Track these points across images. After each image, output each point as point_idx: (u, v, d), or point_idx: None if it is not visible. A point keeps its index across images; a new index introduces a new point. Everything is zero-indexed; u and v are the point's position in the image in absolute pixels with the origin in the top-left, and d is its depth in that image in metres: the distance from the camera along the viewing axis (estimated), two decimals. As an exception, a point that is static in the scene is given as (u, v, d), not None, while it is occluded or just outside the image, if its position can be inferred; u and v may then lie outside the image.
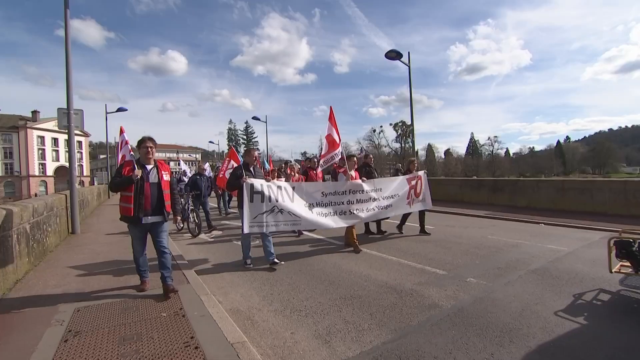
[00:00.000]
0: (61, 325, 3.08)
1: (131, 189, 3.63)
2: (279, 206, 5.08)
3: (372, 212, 6.12)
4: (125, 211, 3.69)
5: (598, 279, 4.13)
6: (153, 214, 3.75)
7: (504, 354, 2.57)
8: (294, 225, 5.24)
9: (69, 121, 8.09)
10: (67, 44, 7.98)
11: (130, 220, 3.71)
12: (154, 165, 3.85)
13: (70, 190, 8.21)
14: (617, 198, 8.87)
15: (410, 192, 6.75)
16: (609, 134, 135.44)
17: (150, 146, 3.81)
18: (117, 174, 3.76)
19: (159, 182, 3.78)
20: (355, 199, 5.90)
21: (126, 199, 3.67)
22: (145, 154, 3.81)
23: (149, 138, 3.84)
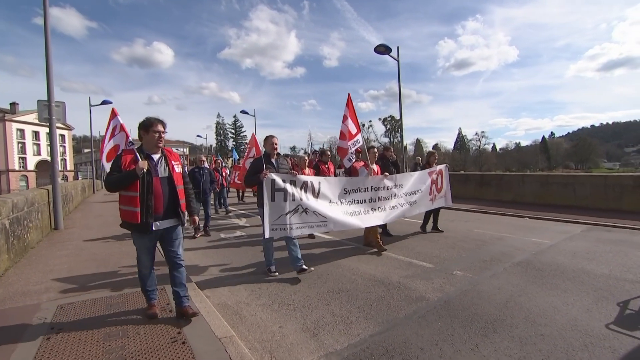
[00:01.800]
0: (43, 322, 3.01)
1: (136, 187, 2.76)
2: (303, 205, 4.42)
3: (396, 211, 5.59)
4: (130, 217, 2.80)
5: (578, 270, 4.26)
6: (165, 217, 2.93)
7: (488, 344, 2.64)
8: (319, 227, 4.58)
9: (50, 114, 7.85)
10: (47, 33, 7.70)
11: (136, 228, 2.84)
12: (161, 155, 3.00)
13: (53, 185, 7.99)
14: (598, 192, 9.15)
15: (432, 188, 6.25)
16: (591, 130, 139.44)
17: (161, 131, 2.93)
18: (114, 168, 2.86)
19: (170, 175, 2.96)
20: (378, 197, 5.36)
21: (130, 200, 2.79)
22: (154, 141, 2.91)
23: (158, 120, 2.95)
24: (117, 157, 2.93)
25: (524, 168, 78.57)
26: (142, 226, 2.82)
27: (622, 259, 4.69)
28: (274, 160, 4.39)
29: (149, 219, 2.82)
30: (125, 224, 2.91)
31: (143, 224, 2.81)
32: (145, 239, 2.94)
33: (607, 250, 5.12)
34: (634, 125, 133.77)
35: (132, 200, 2.79)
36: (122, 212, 2.89)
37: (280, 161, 4.49)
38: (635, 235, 6.10)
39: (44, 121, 8.05)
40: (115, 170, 2.86)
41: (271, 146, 4.39)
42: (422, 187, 6.06)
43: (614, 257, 4.79)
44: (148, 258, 3.04)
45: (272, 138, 4.41)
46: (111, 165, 2.96)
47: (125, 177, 2.78)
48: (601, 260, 4.66)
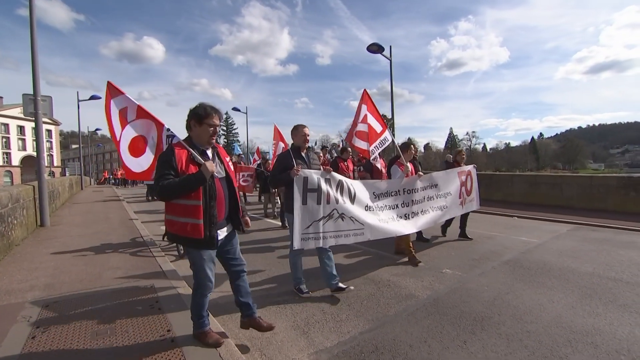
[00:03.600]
0: (28, 321, 2.94)
1: (198, 193, 2.26)
2: (340, 209, 3.70)
3: (428, 216, 4.88)
4: (190, 230, 2.27)
5: (564, 268, 4.36)
6: (225, 224, 2.52)
7: (475, 341, 2.68)
8: (356, 235, 3.84)
9: (36, 108, 7.65)
10: (32, 25, 7.50)
11: (199, 244, 2.32)
12: (213, 150, 2.53)
13: (39, 181, 7.81)
14: (584, 192, 9.36)
15: (461, 190, 5.57)
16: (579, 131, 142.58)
17: (217, 124, 2.43)
18: (165, 169, 2.23)
19: (227, 174, 2.53)
20: (412, 200, 4.66)
21: (189, 210, 2.27)
22: (207, 135, 2.40)
23: (215, 110, 2.42)
24: (165, 154, 2.31)
25: (513, 168, 79.91)
26: (207, 241, 2.31)
27: (605, 257, 4.81)
28: (304, 155, 3.68)
29: (213, 230, 2.32)
30: (178, 238, 2.39)
31: (207, 237, 2.30)
32: (207, 253, 2.42)
33: (592, 249, 5.25)
34: (618, 127, 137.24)
35: (194, 211, 2.26)
36: (177, 226, 2.31)
37: (311, 156, 3.78)
38: (619, 234, 6.26)
39: (30, 116, 7.84)
40: (167, 172, 2.22)
41: (302, 138, 3.63)
42: (452, 189, 5.40)
43: (598, 255, 4.91)
44: (212, 274, 2.50)
45: (303, 128, 3.66)
46: (158, 165, 2.30)
47: (191, 181, 2.21)
48: (586, 258, 4.78)
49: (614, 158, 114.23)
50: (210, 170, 2.24)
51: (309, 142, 3.74)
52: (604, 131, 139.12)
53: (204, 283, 2.46)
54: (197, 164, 2.29)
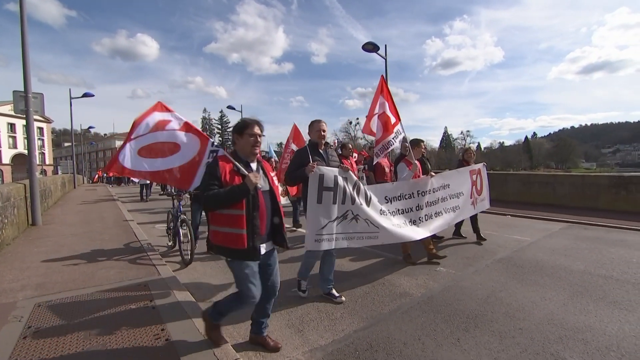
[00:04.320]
0: (19, 321, 2.91)
1: (241, 204, 2.27)
2: (354, 210, 3.52)
3: (442, 218, 4.66)
4: (233, 241, 2.27)
5: (556, 266, 4.41)
6: (266, 239, 2.48)
7: (469, 338, 2.71)
8: (370, 239, 3.67)
9: (27, 105, 7.54)
10: (23, 21, 7.39)
11: (242, 254, 2.29)
12: (258, 163, 2.53)
13: (30, 180, 7.71)
14: (576, 191, 9.47)
15: (472, 190, 5.35)
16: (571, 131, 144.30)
17: (258, 133, 2.42)
18: (209, 180, 2.28)
19: (270, 188, 2.51)
20: (425, 202, 4.41)
21: (233, 220, 2.27)
22: (249, 147, 2.40)
23: (255, 121, 2.43)
24: (210, 166, 2.37)
25: (507, 167, 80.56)
26: (249, 252, 2.28)
27: (596, 255, 4.88)
28: (322, 151, 3.52)
29: (256, 241, 2.30)
30: (221, 249, 2.35)
31: (251, 248, 2.28)
32: (250, 266, 2.35)
33: (584, 247, 5.32)
34: (610, 127, 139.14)
35: (237, 221, 2.26)
36: (220, 236, 2.32)
37: (330, 153, 3.61)
38: (610, 232, 6.35)
39: (21, 113, 7.73)
40: (211, 182, 2.26)
41: (318, 133, 3.50)
42: (464, 189, 5.19)
43: (589, 253, 4.98)
44: (257, 286, 2.38)
45: (319, 123, 3.53)
46: (204, 176, 2.37)
47: (235, 192, 2.22)
48: (577, 256, 4.84)
49: (605, 157, 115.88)
50: (254, 182, 2.24)
51: (326, 137, 3.58)
52: (596, 131, 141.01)
53: (247, 297, 2.36)
54: (242, 175, 2.30)
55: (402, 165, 4.65)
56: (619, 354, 2.44)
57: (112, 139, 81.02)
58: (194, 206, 5.61)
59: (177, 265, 4.82)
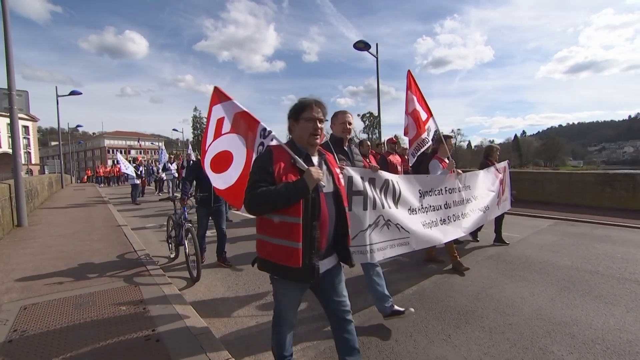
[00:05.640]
0: (4, 324, 2.84)
1: (298, 208, 1.72)
2: (385, 215, 3.05)
3: (472, 218, 4.30)
4: (285, 256, 1.74)
5: (544, 262, 4.49)
6: (327, 254, 1.89)
7: (460, 334, 2.74)
8: (401, 246, 3.18)
9: (11, 103, 7.36)
10: (5, 15, 7.19)
11: (294, 274, 1.77)
12: (320, 157, 1.99)
13: (15, 179, 7.53)
14: (563, 188, 9.66)
15: (500, 189, 5.02)
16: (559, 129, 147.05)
17: (319, 117, 1.88)
18: (259, 176, 1.78)
19: (336, 189, 1.91)
20: (452, 201, 4.06)
21: (287, 230, 1.73)
22: (306, 135, 1.87)
23: (315, 101, 1.90)
24: (261, 158, 1.87)
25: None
26: (304, 271, 1.74)
27: (583, 251, 4.98)
28: (347, 148, 2.97)
29: (314, 258, 1.75)
30: (268, 265, 1.83)
31: (307, 267, 1.73)
32: (299, 287, 1.89)
33: (571, 243, 5.43)
34: (596, 126, 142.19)
35: (291, 231, 1.72)
36: (269, 249, 1.80)
37: (354, 150, 3.09)
38: (596, 228, 6.50)
39: (4, 111, 7.54)
40: (262, 178, 1.76)
41: (343, 126, 2.89)
42: (492, 188, 4.87)
43: (576, 249, 5.09)
44: (295, 313, 1.99)
45: (345, 115, 2.92)
46: (252, 171, 1.87)
47: (290, 191, 1.68)
48: (565, 252, 4.94)
49: (592, 155, 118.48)
50: (316, 178, 1.70)
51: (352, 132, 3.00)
52: (583, 129, 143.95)
53: (282, 321, 1.98)
54: (300, 170, 1.78)
55: (434, 163, 4.29)
56: (604, 347, 2.50)
57: (101, 138, 79.65)
58: (200, 211, 4.72)
59: (167, 261, 4.77)
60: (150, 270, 4.23)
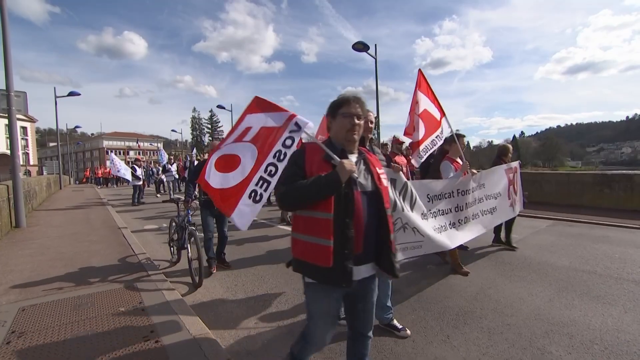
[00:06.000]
0: (2, 326, 2.83)
1: (329, 204, 1.63)
2: (403, 218, 3.09)
3: (480, 221, 4.16)
4: (316, 255, 1.65)
5: (543, 263, 4.51)
6: (364, 260, 1.72)
7: (458, 335, 2.74)
8: (414, 249, 3.23)
9: (9, 104, 7.35)
10: (4, 16, 7.18)
11: (325, 276, 1.65)
12: (359, 155, 1.86)
13: (13, 180, 7.51)
14: (561, 189, 9.69)
15: (509, 190, 4.81)
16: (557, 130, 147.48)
17: (358, 113, 1.78)
18: (290, 170, 1.77)
19: (375, 189, 1.76)
20: (465, 203, 3.94)
21: (317, 226, 1.65)
22: (343, 131, 1.78)
23: (354, 97, 1.81)
24: (295, 154, 1.86)
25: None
26: (336, 273, 1.61)
27: (581, 251, 5.00)
28: (368, 147, 2.66)
29: (347, 260, 1.61)
30: (299, 265, 1.74)
31: (338, 269, 1.60)
32: (332, 296, 1.72)
33: (569, 244, 5.44)
34: (594, 127, 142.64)
35: (322, 227, 1.62)
36: (300, 246, 1.72)
37: (375, 150, 2.85)
38: (593, 229, 6.52)
39: (2, 112, 7.53)
40: (294, 172, 1.73)
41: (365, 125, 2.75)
42: (500, 189, 4.63)
43: (574, 250, 5.10)
44: (326, 330, 1.79)
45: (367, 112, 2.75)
46: (286, 167, 1.89)
47: (320, 184, 1.60)
48: (563, 253, 4.95)
49: (590, 156, 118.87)
50: (349, 170, 1.61)
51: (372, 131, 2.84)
52: (581, 130, 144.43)
53: (310, 336, 1.78)
54: (333, 165, 1.67)
55: (446, 164, 4.14)
56: (602, 347, 2.51)
57: (99, 139, 79.50)
58: (204, 213, 4.56)
59: (169, 265, 4.76)
60: (150, 273, 4.22)
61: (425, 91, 4.26)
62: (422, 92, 4.25)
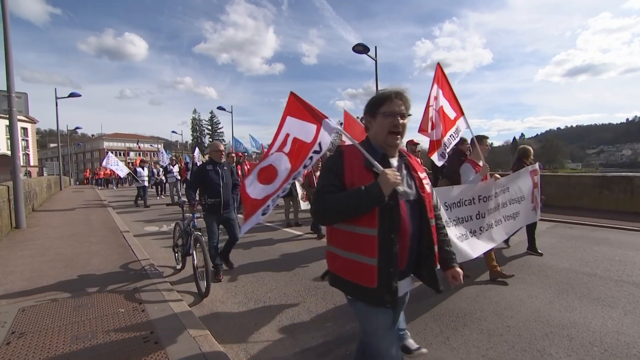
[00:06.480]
0: (2, 327, 2.83)
1: (373, 218, 1.46)
2: None
3: (503, 226, 3.95)
4: (358, 274, 1.51)
5: (543, 265, 4.50)
6: (405, 275, 1.63)
7: (458, 336, 2.74)
8: None
9: (10, 105, 7.37)
10: (5, 17, 7.21)
11: (370, 296, 1.50)
12: (400, 159, 1.67)
13: (14, 181, 7.52)
14: (562, 191, 9.69)
15: (533, 193, 4.57)
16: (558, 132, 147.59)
17: (402, 112, 1.57)
18: (326, 179, 1.57)
19: (419, 197, 1.59)
20: (487, 209, 3.74)
21: (359, 243, 1.50)
22: (384, 133, 1.58)
23: (396, 92, 1.58)
24: (330, 159, 1.63)
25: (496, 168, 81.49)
26: (380, 293, 1.46)
27: (581, 253, 4.99)
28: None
29: (392, 278, 1.46)
30: (340, 282, 1.59)
31: (382, 288, 1.46)
32: (380, 315, 1.54)
33: (569, 246, 5.44)
34: (594, 129, 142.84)
35: (365, 244, 1.47)
36: (339, 263, 1.57)
37: None
38: (594, 231, 6.52)
39: (3, 113, 7.55)
40: (331, 182, 1.53)
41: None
42: (524, 192, 4.40)
43: (575, 252, 5.10)
44: (392, 341, 1.60)
45: None
46: (321, 174, 1.63)
47: (361, 197, 1.42)
48: (563, 255, 4.95)
49: (590, 158, 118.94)
50: (392, 182, 1.42)
51: None
52: (581, 132, 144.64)
53: (381, 357, 1.57)
54: (374, 173, 1.50)
55: (467, 167, 3.95)
56: (602, 349, 2.51)
57: (100, 140, 79.53)
58: (209, 219, 4.24)
59: (173, 272, 4.76)
60: (153, 280, 4.22)
61: (442, 86, 4.02)
62: (440, 88, 4.03)
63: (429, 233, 1.59)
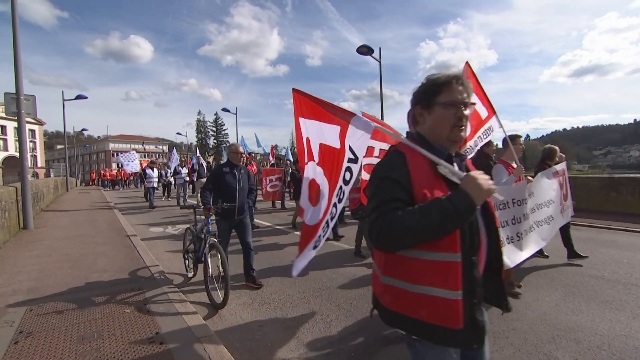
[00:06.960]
0: (11, 326, 2.87)
1: (453, 240, 1.11)
2: None
3: (537, 232, 3.68)
4: (440, 314, 1.13)
5: (550, 267, 4.47)
6: None
7: (463, 339, 2.72)
8: None
9: (19, 107, 7.47)
10: (15, 21, 7.33)
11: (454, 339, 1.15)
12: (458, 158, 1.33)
13: (22, 182, 7.62)
14: (568, 193, 9.60)
15: (561, 194, 4.35)
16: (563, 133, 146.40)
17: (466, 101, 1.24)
18: (387, 192, 1.16)
19: (486, 208, 1.28)
20: (523, 214, 3.48)
21: (437, 273, 1.13)
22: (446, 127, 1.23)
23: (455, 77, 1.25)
24: (386, 164, 1.24)
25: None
26: (467, 333, 1.16)
27: (588, 256, 4.93)
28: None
29: (477, 311, 1.19)
30: (407, 322, 1.21)
31: (469, 327, 1.15)
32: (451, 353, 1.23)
33: (576, 248, 5.36)
34: (600, 130, 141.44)
35: (446, 274, 1.13)
36: (409, 300, 1.19)
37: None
38: (601, 233, 6.45)
39: (12, 115, 7.65)
40: (394, 197, 1.15)
41: None
42: (552, 195, 4.15)
43: (582, 254, 5.03)
44: None
45: None
46: (373, 186, 1.25)
47: (447, 212, 1.07)
48: (570, 257, 4.89)
49: (597, 159, 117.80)
50: (487, 189, 1.11)
51: None
52: (587, 133, 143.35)
53: None
54: (447, 181, 1.18)
55: (499, 168, 3.71)
56: (610, 353, 2.48)
57: (106, 142, 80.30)
58: (222, 224, 4.03)
59: (183, 280, 4.79)
60: (153, 273, 4.25)
61: (474, 84, 3.85)
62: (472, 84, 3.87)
63: (497, 247, 1.30)
